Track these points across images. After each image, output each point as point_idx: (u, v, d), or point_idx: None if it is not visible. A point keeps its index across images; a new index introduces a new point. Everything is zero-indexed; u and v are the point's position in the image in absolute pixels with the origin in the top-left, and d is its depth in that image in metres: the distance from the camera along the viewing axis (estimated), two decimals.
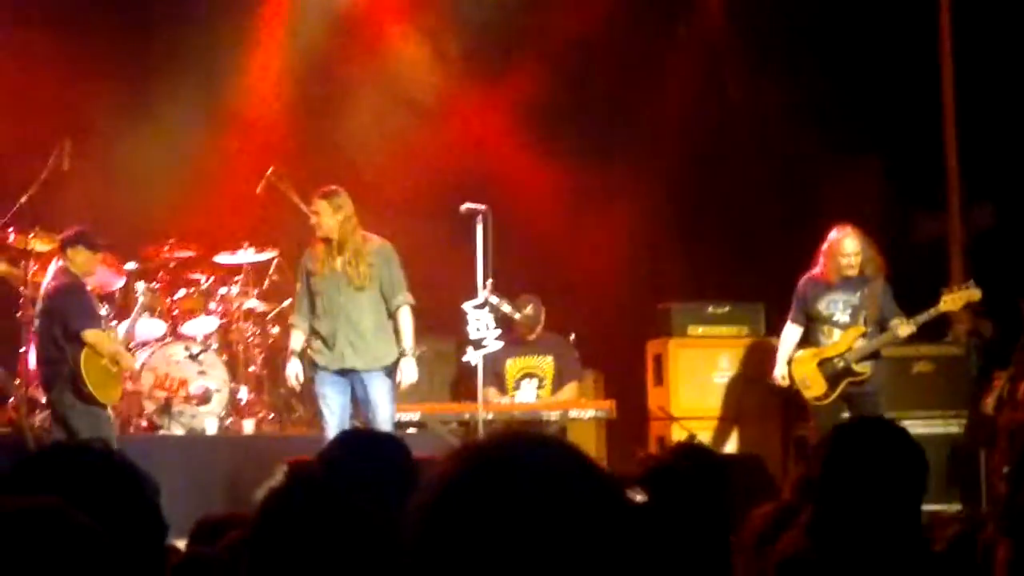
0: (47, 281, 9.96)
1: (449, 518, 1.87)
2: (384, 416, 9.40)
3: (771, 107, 12.81)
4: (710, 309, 11.97)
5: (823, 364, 10.25)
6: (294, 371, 9.55)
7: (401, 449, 4.05)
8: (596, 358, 11.94)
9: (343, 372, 9.42)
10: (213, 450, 10.54)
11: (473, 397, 10.23)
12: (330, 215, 9.42)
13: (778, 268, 12.32)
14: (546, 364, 11.40)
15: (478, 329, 9.67)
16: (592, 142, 12.71)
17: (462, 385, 11.39)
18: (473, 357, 9.75)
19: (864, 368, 10.20)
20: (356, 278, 9.44)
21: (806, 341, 10.37)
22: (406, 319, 9.54)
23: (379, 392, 9.42)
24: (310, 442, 9.95)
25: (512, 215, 10.57)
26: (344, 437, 4.32)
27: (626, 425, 11.37)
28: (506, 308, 10.07)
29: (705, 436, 11.11)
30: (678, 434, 11.24)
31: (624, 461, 10.11)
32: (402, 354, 9.44)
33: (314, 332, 9.50)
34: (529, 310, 11.18)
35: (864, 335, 10.20)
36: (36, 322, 10.04)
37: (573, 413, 10.84)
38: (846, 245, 10.16)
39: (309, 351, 9.51)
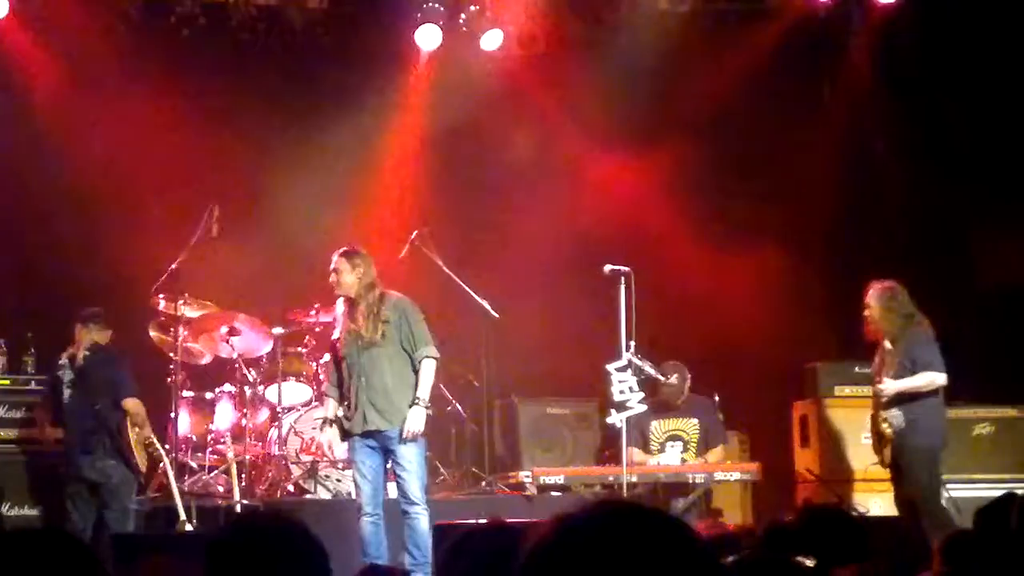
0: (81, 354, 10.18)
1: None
2: (413, 473, 9.19)
3: (920, 162, 12.64)
4: (857, 369, 11.79)
5: None
6: (326, 439, 9.59)
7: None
8: (741, 419, 11.83)
9: (369, 435, 9.26)
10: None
11: (616, 459, 10.18)
12: (348, 272, 9.40)
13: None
14: (691, 427, 11.32)
15: (621, 392, 9.62)
16: (735, 203, 12.64)
17: (605, 447, 11.34)
18: (616, 419, 9.70)
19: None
20: (370, 334, 9.30)
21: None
22: (426, 370, 9.29)
23: (405, 451, 9.20)
24: (454, 505, 10.01)
25: (655, 276, 10.52)
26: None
27: (772, 487, 11.23)
28: (650, 370, 10.00)
29: (855, 498, 10.93)
30: (826, 496, 11.06)
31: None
32: (414, 402, 9.21)
33: (342, 398, 9.43)
34: (674, 379, 11.10)
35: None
36: (68, 392, 10.24)
37: (719, 475, 10.76)
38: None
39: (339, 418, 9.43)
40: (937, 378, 10.13)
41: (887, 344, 10.18)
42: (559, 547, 1.95)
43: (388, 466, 9.32)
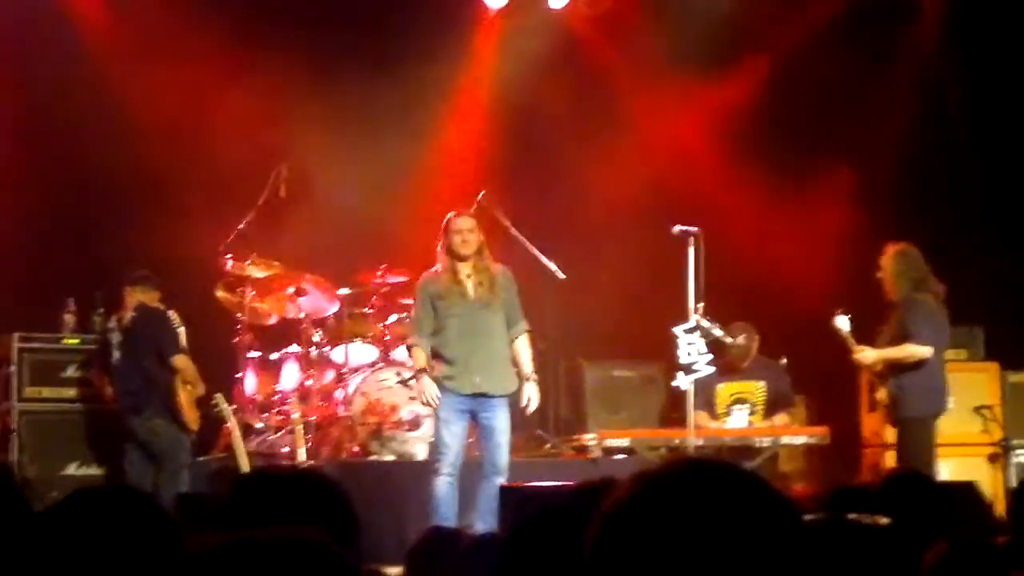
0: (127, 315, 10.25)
1: (620, 537, 1.95)
2: (505, 442, 9.32)
3: (989, 124, 12.48)
4: None
5: None
6: (432, 391, 9.30)
7: None
8: (809, 383, 11.74)
9: (471, 396, 9.30)
10: (424, 475, 10.58)
11: (682, 422, 10.14)
12: (477, 233, 9.40)
13: (997, 290, 12.02)
14: (758, 390, 11.26)
15: (689, 354, 9.57)
16: (806, 163, 12.51)
17: (671, 410, 11.29)
18: (683, 382, 9.65)
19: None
20: (485, 296, 9.37)
21: None
22: (526, 345, 9.49)
23: (503, 419, 9.31)
24: (519, 467, 9.99)
25: (723, 238, 10.45)
26: None
27: (839, 452, 11.15)
28: (717, 332, 9.94)
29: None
30: (892, 461, 10.97)
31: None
32: (527, 378, 9.35)
33: (439, 356, 9.39)
34: (742, 339, 11.05)
35: None
36: (117, 354, 10.29)
37: (785, 439, 10.69)
38: None
39: (435, 374, 9.37)
40: (918, 351, 9.98)
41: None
42: (641, 503, 1.93)
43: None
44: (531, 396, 9.36)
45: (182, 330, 10.39)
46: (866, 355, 10.00)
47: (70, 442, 10.87)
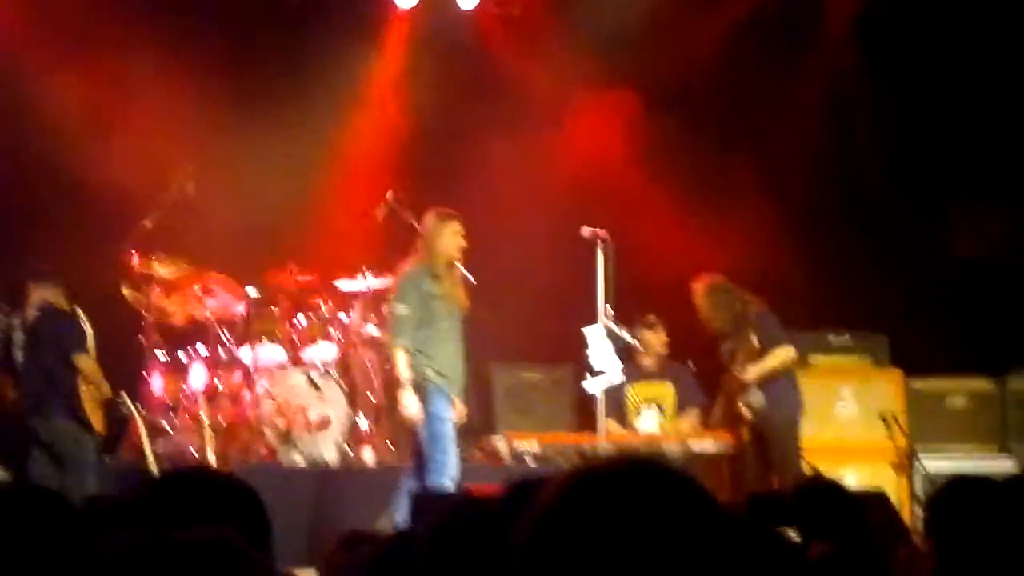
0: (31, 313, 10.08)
1: (553, 535, 1.92)
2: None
3: (897, 135, 12.62)
4: (831, 338, 11.80)
5: None
6: (416, 408, 9.29)
7: None
8: (716, 388, 11.79)
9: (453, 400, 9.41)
10: (334, 479, 10.52)
11: (592, 426, 10.15)
12: (463, 236, 9.37)
13: (901, 297, 12.15)
14: (667, 391, 11.30)
15: (598, 358, 9.57)
16: (712, 168, 12.59)
17: (580, 414, 11.29)
18: (593, 386, 9.65)
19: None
20: (464, 306, 9.47)
21: None
22: None
23: None
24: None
25: (630, 241, 10.46)
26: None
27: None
28: (627, 337, 9.96)
29: (826, 469, 10.91)
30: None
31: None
32: None
33: (428, 356, 9.38)
34: (651, 331, 11.13)
35: None
36: (20, 353, 10.14)
37: (695, 447, 10.72)
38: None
39: (428, 375, 9.36)
40: (788, 352, 10.41)
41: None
42: (573, 502, 1.91)
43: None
44: None
45: (89, 331, 10.23)
46: (749, 371, 10.19)
47: None
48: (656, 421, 11.23)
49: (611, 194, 12.30)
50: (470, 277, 10.59)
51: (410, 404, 9.25)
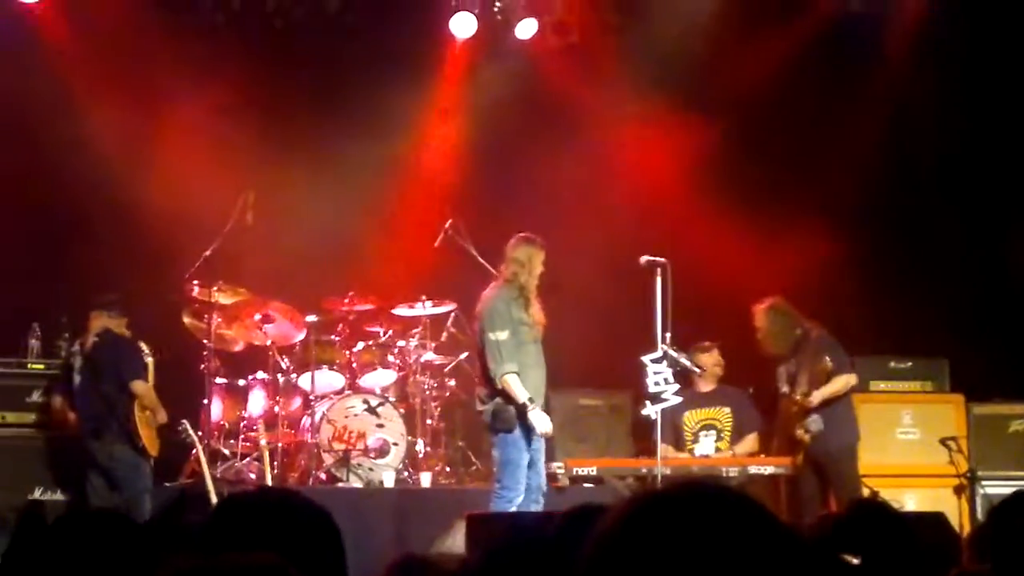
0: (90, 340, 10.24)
1: (615, 558, 1.89)
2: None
3: (958, 157, 12.55)
4: (892, 364, 11.74)
5: None
6: (547, 423, 9.37)
7: None
8: (773, 414, 11.75)
9: None
10: (391, 503, 10.56)
11: (649, 451, 10.13)
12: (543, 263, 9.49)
13: (962, 322, 12.07)
14: (724, 416, 11.29)
15: (656, 383, 9.57)
16: (772, 194, 12.54)
17: (638, 440, 11.27)
18: (651, 411, 9.65)
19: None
20: (541, 329, 9.53)
21: None
22: None
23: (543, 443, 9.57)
24: (486, 495, 9.96)
25: (688, 264, 10.45)
26: None
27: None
28: (685, 362, 9.95)
29: (887, 494, 10.85)
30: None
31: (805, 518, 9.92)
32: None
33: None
34: (708, 355, 11.14)
35: None
36: (78, 378, 10.28)
37: (752, 469, 10.69)
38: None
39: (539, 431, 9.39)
40: (851, 379, 10.54)
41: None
42: (637, 525, 1.90)
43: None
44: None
45: (150, 360, 10.35)
46: (814, 396, 10.22)
47: (34, 468, 10.77)
48: (713, 445, 11.21)
49: (669, 218, 12.28)
50: None
51: (541, 422, 9.32)
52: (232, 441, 11.20)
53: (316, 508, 2.98)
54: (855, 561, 4.35)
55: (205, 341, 11.01)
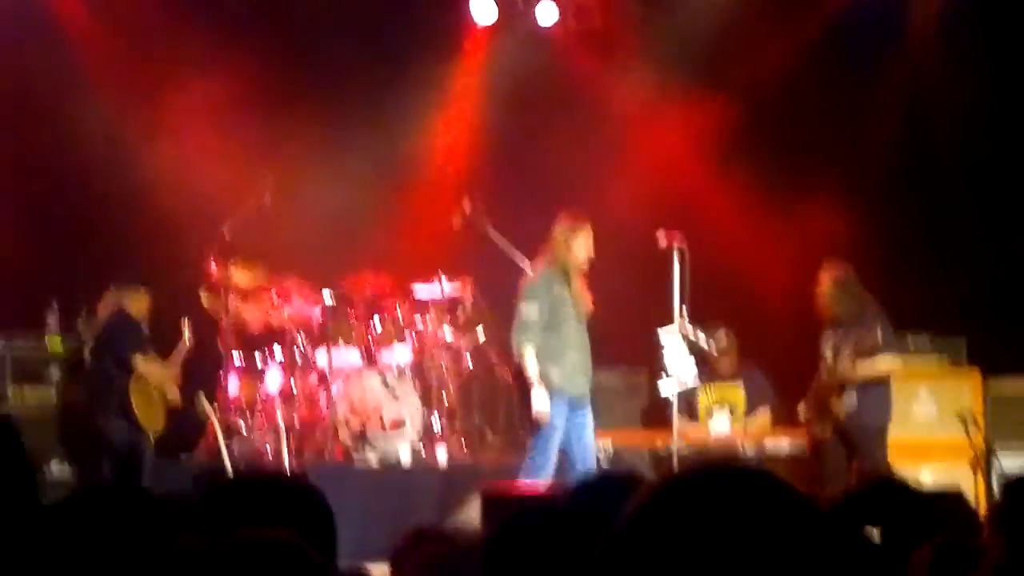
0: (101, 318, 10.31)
1: (641, 544, 1.88)
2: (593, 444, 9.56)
3: (977, 135, 12.52)
4: (909, 338, 11.72)
5: None
6: (546, 407, 9.36)
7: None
8: (791, 389, 11.74)
9: (574, 400, 9.49)
10: (407, 479, 10.60)
11: (664, 426, 10.15)
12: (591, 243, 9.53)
13: (980, 297, 12.06)
14: (737, 392, 11.30)
15: (673, 360, 9.58)
16: (791, 172, 12.53)
17: (653, 414, 11.30)
18: (667, 388, 9.66)
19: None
20: (588, 311, 9.58)
21: None
22: None
23: (592, 419, 9.62)
24: (502, 470, 10.01)
25: (707, 244, 10.46)
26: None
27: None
28: (701, 340, 9.96)
29: (904, 468, 10.86)
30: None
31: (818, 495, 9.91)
32: None
33: (554, 361, 9.45)
34: (722, 343, 11.12)
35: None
36: (88, 355, 10.38)
37: (769, 445, 10.71)
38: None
39: (551, 379, 9.40)
40: (895, 364, 10.49)
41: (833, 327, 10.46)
42: (666, 506, 1.89)
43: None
44: None
45: (187, 337, 10.46)
46: (859, 368, 10.16)
47: (50, 442, 10.83)
48: (728, 422, 11.22)
49: (687, 199, 12.30)
50: None
51: (541, 402, 9.31)
52: (248, 416, 11.24)
53: (307, 487, 3.01)
54: (874, 536, 4.35)
55: (222, 317, 11.04)
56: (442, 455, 11.15)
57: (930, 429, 11.43)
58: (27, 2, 11.83)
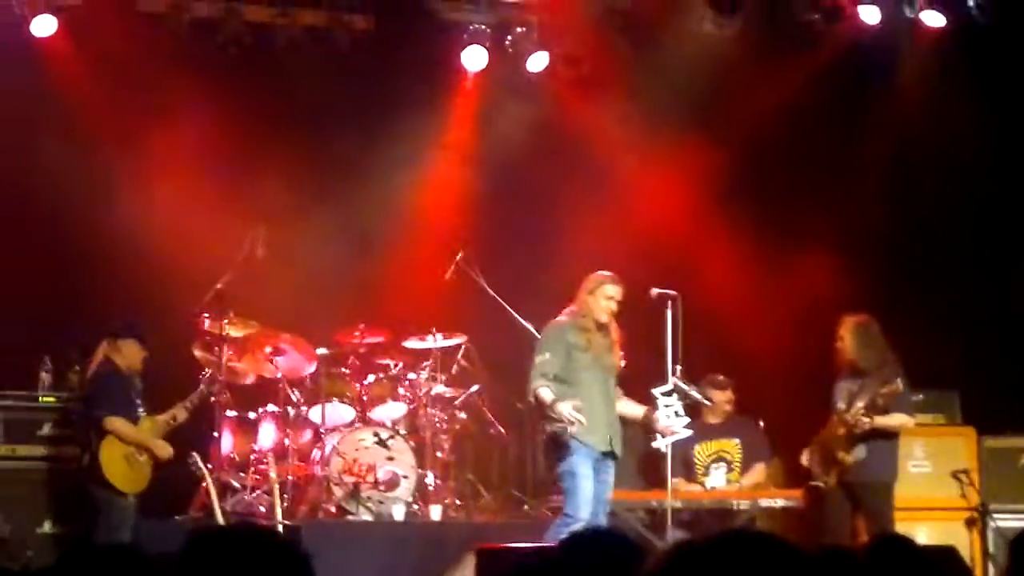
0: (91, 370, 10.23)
1: None
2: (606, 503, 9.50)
3: (970, 186, 12.56)
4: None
5: None
6: (571, 410, 9.13)
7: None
8: (787, 443, 11.72)
9: (605, 455, 9.42)
10: (401, 536, 10.56)
11: (660, 484, 10.12)
12: (621, 294, 9.51)
13: (974, 354, 12.05)
14: (734, 447, 11.28)
15: (667, 416, 9.56)
16: (782, 226, 12.56)
17: (648, 472, 11.26)
18: (662, 444, 9.64)
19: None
20: (616, 364, 9.56)
21: None
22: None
23: (612, 480, 9.53)
24: (497, 529, 9.97)
25: (699, 295, 10.45)
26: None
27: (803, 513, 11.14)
28: (696, 395, 9.93)
29: (899, 527, 10.83)
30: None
31: (811, 547, 9.86)
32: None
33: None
34: (719, 388, 11.12)
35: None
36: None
37: (763, 502, 10.68)
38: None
39: (571, 429, 9.23)
40: (908, 422, 10.49)
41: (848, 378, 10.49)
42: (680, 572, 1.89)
43: None
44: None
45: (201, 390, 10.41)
46: (875, 420, 10.18)
47: (44, 500, 10.77)
48: (724, 477, 11.19)
49: (680, 250, 12.31)
50: (536, 333, 10.64)
51: (567, 410, 9.13)
52: (242, 474, 11.21)
53: (283, 540, 2.99)
54: None
55: (216, 374, 11.02)
56: (436, 513, 11.11)
57: (925, 488, 11.42)
58: (16, 53, 11.81)
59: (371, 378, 11.67)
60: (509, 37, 12.78)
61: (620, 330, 9.64)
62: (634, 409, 9.68)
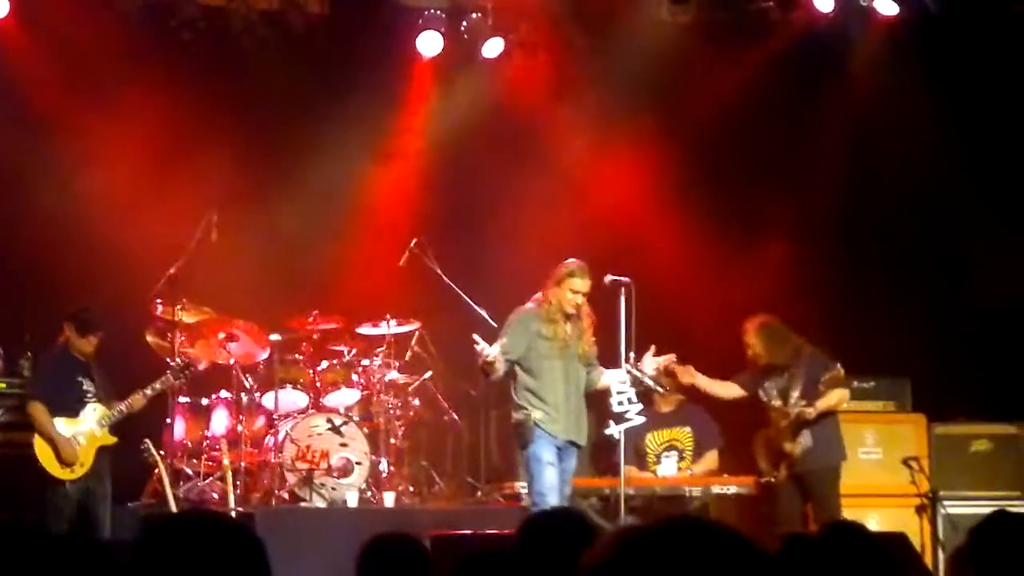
0: None
1: None
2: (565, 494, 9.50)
3: (924, 175, 12.62)
4: (855, 383, 11.77)
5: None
6: (494, 350, 9.13)
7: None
8: (739, 433, 11.77)
9: (568, 444, 9.44)
10: (354, 522, 10.53)
11: (612, 470, 10.14)
12: (587, 287, 9.48)
13: (924, 342, 12.13)
14: (685, 435, 11.32)
15: (620, 403, 9.58)
16: (735, 214, 12.60)
17: (601, 459, 11.29)
18: (615, 431, 9.66)
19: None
20: (588, 353, 9.58)
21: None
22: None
23: (574, 468, 9.60)
24: (449, 515, 9.97)
25: (654, 285, 10.47)
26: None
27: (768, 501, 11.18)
28: (648, 382, 9.95)
29: (849, 513, 10.90)
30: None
31: (767, 538, 9.92)
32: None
33: (537, 397, 9.44)
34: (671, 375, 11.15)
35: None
36: None
37: (716, 489, 10.73)
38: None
39: (535, 416, 9.34)
40: (845, 395, 10.66)
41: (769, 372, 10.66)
42: (624, 562, 1.89)
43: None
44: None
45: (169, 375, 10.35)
46: (815, 407, 10.25)
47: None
48: (675, 466, 11.24)
49: (634, 238, 12.32)
50: (489, 320, 10.64)
51: (489, 350, 9.15)
52: (195, 461, 11.16)
53: (239, 528, 2.98)
54: None
55: (168, 360, 10.97)
56: (389, 500, 11.10)
57: (876, 474, 11.49)
58: None
59: (324, 364, 11.65)
60: (464, 23, 12.75)
61: (591, 315, 9.62)
62: (617, 374, 9.69)
